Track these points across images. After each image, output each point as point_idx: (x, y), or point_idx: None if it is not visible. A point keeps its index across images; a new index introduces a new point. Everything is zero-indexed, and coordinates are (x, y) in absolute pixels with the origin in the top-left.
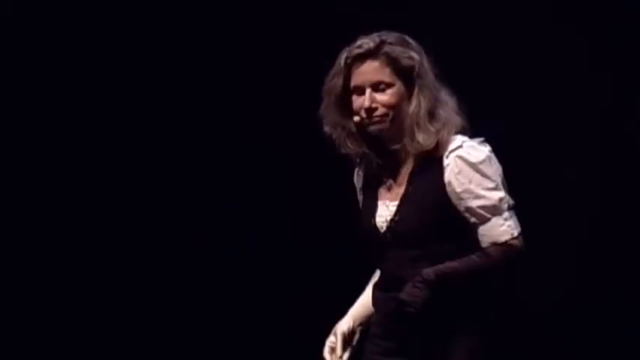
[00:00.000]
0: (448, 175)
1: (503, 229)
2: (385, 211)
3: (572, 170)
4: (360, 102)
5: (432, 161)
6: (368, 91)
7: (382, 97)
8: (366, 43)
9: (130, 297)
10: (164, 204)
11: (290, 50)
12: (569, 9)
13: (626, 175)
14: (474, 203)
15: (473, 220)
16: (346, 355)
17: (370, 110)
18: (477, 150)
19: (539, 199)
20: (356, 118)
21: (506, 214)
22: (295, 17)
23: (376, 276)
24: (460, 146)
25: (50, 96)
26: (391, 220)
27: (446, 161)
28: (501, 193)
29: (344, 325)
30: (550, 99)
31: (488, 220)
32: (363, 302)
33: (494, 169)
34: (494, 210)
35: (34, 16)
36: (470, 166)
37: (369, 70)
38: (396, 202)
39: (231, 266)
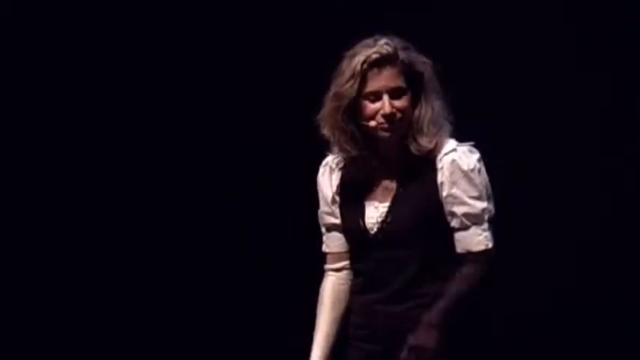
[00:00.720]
0: (441, 177)
1: (479, 239)
2: (375, 212)
3: (572, 170)
4: (376, 107)
5: (423, 163)
6: (386, 97)
7: (399, 103)
8: (384, 48)
9: (130, 297)
10: (164, 204)
11: (290, 51)
12: (569, 9)
13: (626, 175)
14: (457, 209)
15: (452, 224)
16: None
17: (390, 116)
18: (468, 157)
19: (539, 199)
20: (372, 123)
21: (485, 225)
22: (295, 18)
23: (324, 302)
24: (454, 150)
25: (50, 96)
26: (382, 221)
27: (439, 164)
28: (484, 204)
29: None
30: (550, 99)
31: (468, 228)
32: (320, 342)
33: (482, 179)
34: (475, 219)
35: (34, 16)
36: (460, 172)
37: (388, 76)
38: (387, 204)
39: (231, 266)
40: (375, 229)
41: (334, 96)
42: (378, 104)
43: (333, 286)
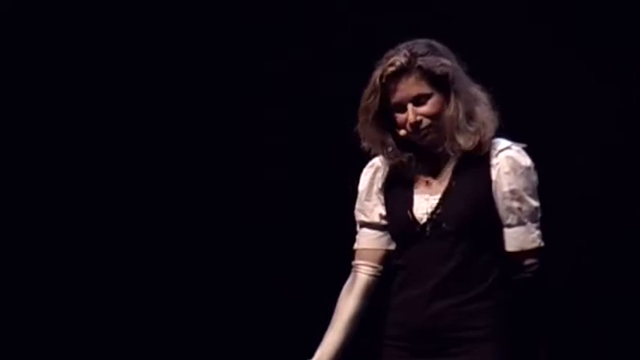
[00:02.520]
0: (496, 174)
1: (533, 236)
2: (425, 204)
3: (572, 171)
4: (404, 118)
5: (476, 159)
6: (410, 106)
7: (424, 109)
8: (398, 59)
9: (129, 297)
10: (164, 204)
11: (290, 51)
12: (570, 9)
13: (626, 175)
14: (517, 205)
15: (508, 221)
16: None
17: (416, 124)
18: (524, 156)
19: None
20: (402, 132)
21: (538, 224)
22: (295, 18)
23: (337, 304)
24: (509, 147)
25: (50, 93)
26: (432, 212)
27: (494, 160)
28: (538, 203)
29: None
30: (550, 99)
31: (524, 224)
32: (330, 340)
33: (535, 179)
34: (531, 216)
35: (34, 11)
36: (519, 169)
37: (406, 87)
38: (438, 196)
39: (231, 266)
40: (424, 220)
41: (362, 110)
42: (404, 114)
43: (346, 286)
